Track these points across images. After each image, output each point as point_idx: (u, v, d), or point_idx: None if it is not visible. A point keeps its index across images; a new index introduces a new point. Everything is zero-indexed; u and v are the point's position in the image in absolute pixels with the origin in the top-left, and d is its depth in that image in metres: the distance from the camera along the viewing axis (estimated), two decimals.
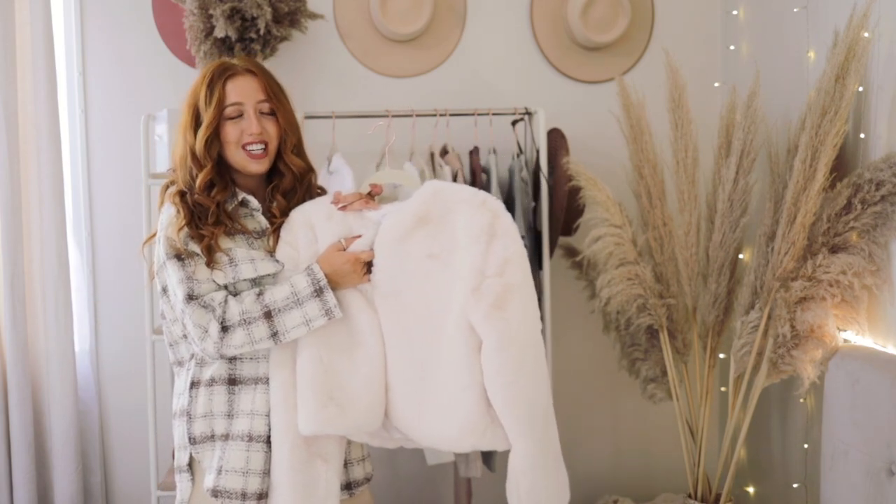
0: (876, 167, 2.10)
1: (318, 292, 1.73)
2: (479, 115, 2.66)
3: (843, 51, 2.11)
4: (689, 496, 2.65)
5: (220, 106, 1.79)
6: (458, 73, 3.06)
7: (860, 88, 2.20)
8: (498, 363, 1.67)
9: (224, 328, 1.71)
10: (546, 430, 1.73)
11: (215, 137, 1.79)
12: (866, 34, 2.10)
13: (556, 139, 2.74)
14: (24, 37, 2.70)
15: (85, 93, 2.99)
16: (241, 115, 1.80)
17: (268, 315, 1.72)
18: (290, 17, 2.73)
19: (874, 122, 2.16)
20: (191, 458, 1.83)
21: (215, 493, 1.76)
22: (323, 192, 1.96)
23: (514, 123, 2.75)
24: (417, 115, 2.65)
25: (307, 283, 1.74)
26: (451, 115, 2.68)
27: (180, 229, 1.75)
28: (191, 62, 2.91)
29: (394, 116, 2.61)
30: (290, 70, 2.93)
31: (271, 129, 1.83)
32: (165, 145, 2.70)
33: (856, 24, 2.10)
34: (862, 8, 2.10)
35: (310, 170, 1.91)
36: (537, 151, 2.70)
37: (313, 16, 2.81)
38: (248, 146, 1.80)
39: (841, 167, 2.25)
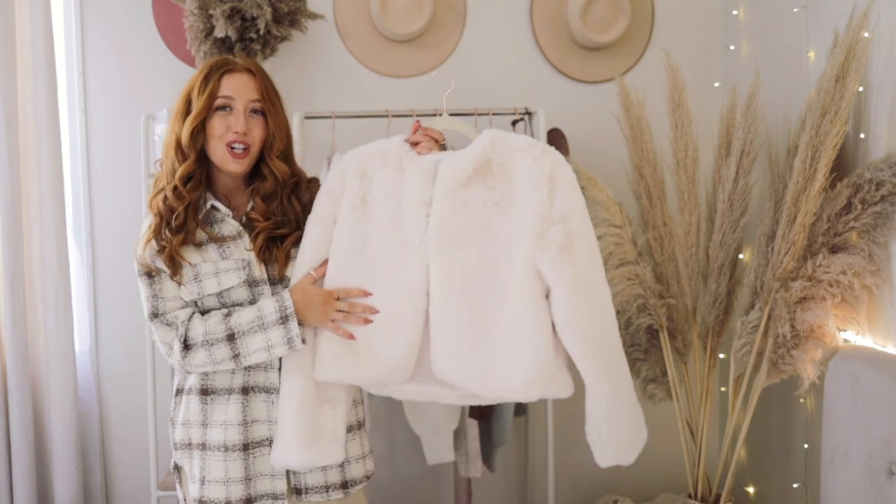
0: (876, 167, 2.10)
1: (284, 320, 1.72)
2: (479, 115, 2.66)
3: (843, 51, 2.11)
4: (689, 496, 2.64)
5: (212, 97, 1.76)
6: (458, 73, 3.05)
7: (860, 88, 2.20)
8: (570, 308, 1.66)
9: (186, 346, 1.73)
10: (620, 372, 1.75)
11: (201, 129, 1.76)
12: (866, 34, 2.10)
13: (556, 139, 2.74)
14: (24, 37, 2.70)
15: (85, 93, 2.99)
16: (229, 109, 1.77)
17: (231, 337, 1.72)
18: (290, 17, 2.73)
19: (874, 122, 2.16)
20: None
21: (201, 503, 1.78)
22: (317, 186, 1.94)
23: (514, 123, 2.75)
24: (417, 115, 2.65)
25: (274, 308, 1.73)
26: (451, 115, 2.67)
27: (147, 243, 1.76)
28: (191, 62, 2.91)
29: (394, 116, 2.61)
30: (290, 70, 2.93)
31: (257, 131, 1.79)
32: None
33: (856, 24, 2.09)
34: (862, 8, 2.10)
35: (295, 176, 1.86)
36: None
37: (313, 16, 2.81)
38: (230, 144, 1.77)
39: (841, 167, 2.25)
